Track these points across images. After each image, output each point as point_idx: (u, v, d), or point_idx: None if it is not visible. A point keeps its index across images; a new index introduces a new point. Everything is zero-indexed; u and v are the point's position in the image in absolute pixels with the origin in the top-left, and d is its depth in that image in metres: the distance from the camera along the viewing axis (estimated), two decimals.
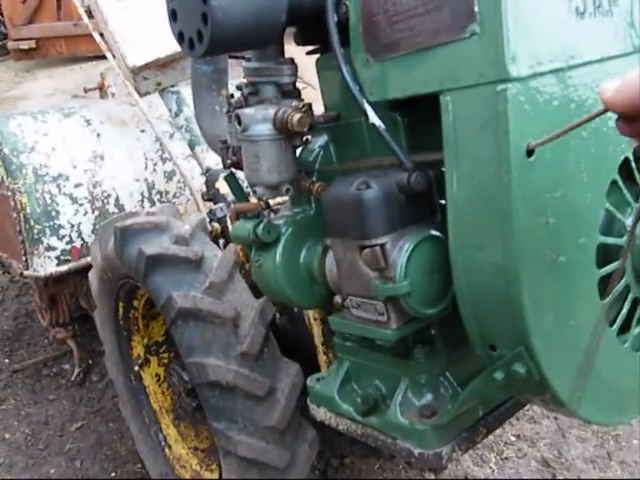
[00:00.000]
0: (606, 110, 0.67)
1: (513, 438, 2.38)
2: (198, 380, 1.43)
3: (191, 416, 1.97)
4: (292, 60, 1.09)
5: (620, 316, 0.97)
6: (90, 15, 2.39)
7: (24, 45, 6.32)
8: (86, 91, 2.76)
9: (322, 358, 1.53)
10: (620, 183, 0.95)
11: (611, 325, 0.96)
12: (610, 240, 0.94)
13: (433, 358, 1.14)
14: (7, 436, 2.35)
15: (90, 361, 2.68)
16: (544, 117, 0.83)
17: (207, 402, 1.44)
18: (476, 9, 0.81)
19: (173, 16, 0.97)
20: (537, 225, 0.83)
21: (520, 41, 0.79)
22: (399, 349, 1.14)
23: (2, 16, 7.18)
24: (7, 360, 2.78)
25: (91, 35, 2.35)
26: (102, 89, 2.71)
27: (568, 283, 0.88)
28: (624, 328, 1.00)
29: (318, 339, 1.51)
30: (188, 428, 2.01)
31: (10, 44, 6.46)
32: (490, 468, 2.25)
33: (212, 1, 0.87)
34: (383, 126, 0.95)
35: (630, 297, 0.98)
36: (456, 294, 0.91)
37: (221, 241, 1.85)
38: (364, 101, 0.96)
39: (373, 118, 0.95)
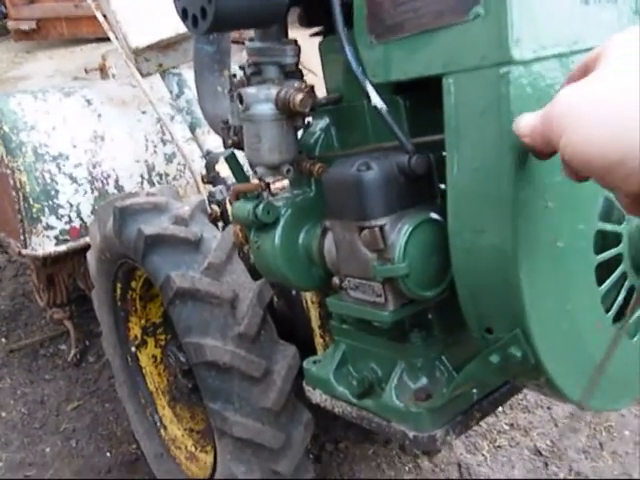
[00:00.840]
0: None
1: (506, 427, 2.40)
2: (195, 360, 1.43)
3: (187, 397, 1.98)
4: (295, 41, 1.08)
5: (616, 303, 0.98)
6: None
7: (24, 26, 6.29)
8: (87, 72, 2.75)
9: (319, 341, 1.54)
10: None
11: (607, 312, 0.97)
12: (609, 227, 0.94)
13: (429, 342, 1.14)
14: (3, 414, 2.36)
15: (87, 342, 2.69)
16: (546, 101, 0.83)
17: (203, 382, 1.45)
18: None
19: None
20: (536, 209, 0.83)
21: (524, 25, 0.79)
22: (396, 333, 1.15)
23: None
24: (4, 340, 2.79)
25: (92, 17, 2.34)
26: (103, 70, 2.70)
27: (566, 268, 0.88)
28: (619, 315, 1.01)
29: (315, 322, 1.51)
30: (184, 409, 2.03)
31: (10, 24, 6.42)
32: (483, 456, 2.27)
33: None
34: (385, 108, 0.95)
35: (626, 285, 0.99)
36: (454, 276, 0.91)
37: (220, 224, 1.85)
38: (367, 82, 0.96)
39: (375, 100, 0.95)
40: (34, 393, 2.46)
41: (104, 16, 2.22)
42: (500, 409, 2.45)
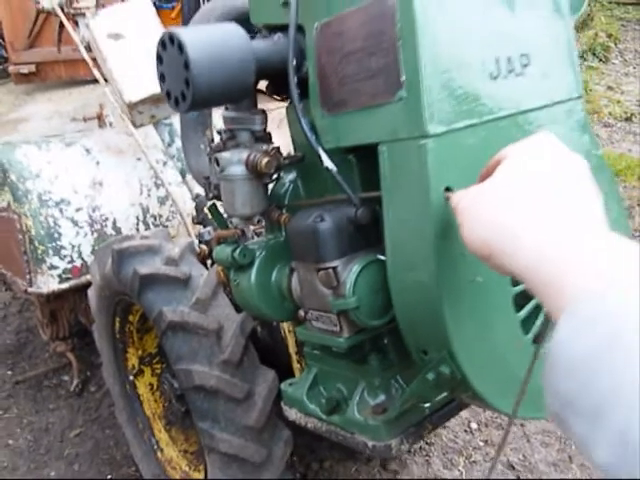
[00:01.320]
0: None
1: (481, 443, 2.56)
2: (185, 385, 1.61)
3: (181, 421, 2.14)
4: (263, 110, 1.28)
5: (534, 328, 1.16)
6: (89, 51, 2.59)
7: (24, 69, 6.52)
8: (85, 120, 2.95)
9: (296, 366, 1.72)
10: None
11: (527, 334, 1.15)
12: None
13: (386, 364, 1.32)
14: (10, 442, 2.52)
15: (88, 373, 2.85)
16: (460, 164, 1.02)
17: (193, 404, 1.62)
18: (402, 78, 1.00)
19: (162, 78, 1.17)
20: (456, 252, 1.02)
21: (436, 105, 0.99)
22: (357, 356, 1.33)
23: (3, 40, 7.41)
24: (10, 372, 2.94)
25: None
26: (100, 118, 2.90)
27: (485, 299, 1.06)
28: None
29: (292, 349, 1.69)
30: (178, 433, 2.19)
31: (11, 68, 6.65)
32: (459, 471, 2.42)
33: (192, 70, 1.06)
34: (335, 169, 1.15)
35: (544, 310, 1.17)
36: (394, 308, 1.10)
37: (209, 261, 2.04)
38: (319, 148, 1.15)
39: (327, 162, 1.14)
40: (39, 421, 2.61)
41: (104, 79, 2.43)
42: (475, 426, 2.62)
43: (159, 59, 1.17)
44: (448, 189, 1.00)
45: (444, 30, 1.02)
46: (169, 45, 1.12)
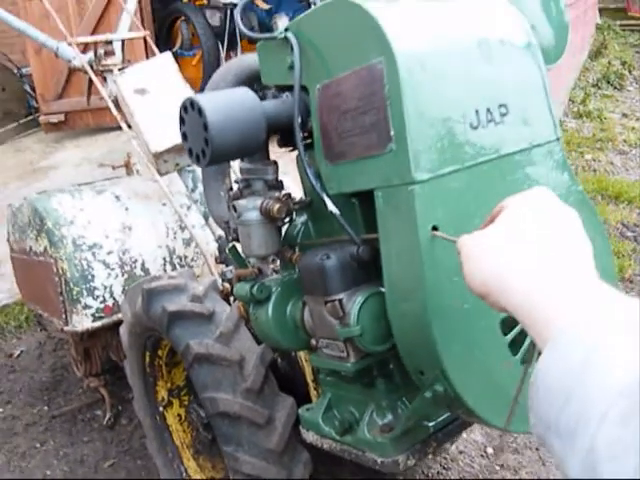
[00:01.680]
0: None
1: (497, 467, 2.64)
2: (211, 411, 1.75)
3: (208, 449, 2.27)
4: (275, 162, 1.44)
5: (522, 349, 1.28)
6: (117, 105, 2.80)
7: (54, 119, 6.84)
8: (114, 168, 3.15)
9: (313, 393, 1.85)
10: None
11: (515, 355, 1.28)
12: None
13: (392, 387, 1.45)
14: (48, 472, 2.66)
15: (120, 407, 2.99)
16: (446, 205, 1.17)
17: (218, 430, 1.76)
18: (392, 133, 1.15)
19: (184, 137, 1.34)
20: (444, 283, 1.16)
21: (422, 154, 1.14)
22: (366, 381, 1.46)
23: (33, 92, 7.77)
24: (46, 407, 3.10)
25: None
26: (128, 167, 3.10)
27: (473, 324, 1.19)
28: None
29: (309, 377, 1.83)
30: (206, 460, 2.31)
31: (41, 118, 6.99)
32: None
33: (211, 131, 1.23)
34: (338, 213, 1.30)
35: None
36: (393, 334, 1.24)
37: (231, 298, 2.19)
38: (324, 194, 1.31)
39: (331, 207, 1.29)
40: (74, 453, 2.74)
41: (129, 126, 2.63)
42: (491, 451, 2.70)
43: (182, 121, 1.34)
44: (435, 228, 1.14)
45: (427, 88, 1.17)
46: (190, 109, 1.29)
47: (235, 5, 6.07)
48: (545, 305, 0.68)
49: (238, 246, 1.56)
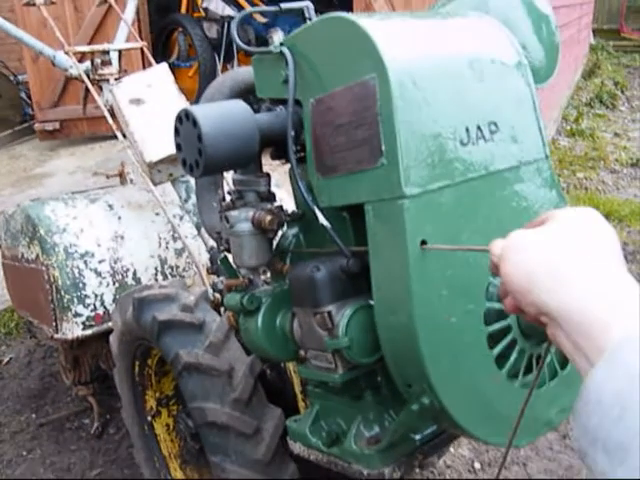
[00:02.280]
0: None
1: None
2: (199, 421, 1.75)
3: (195, 460, 2.27)
4: (267, 174, 1.46)
5: (509, 363, 1.30)
6: (112, 113, 2.81)
7: (49, 126, 6.86)
8: (108, 177, 3.16)
9: (301, 404, 1.86)
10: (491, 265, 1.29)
11: (501, 369, 1.29)
12: (497, 305, 1.27)
13: (379, 399, 1.46)
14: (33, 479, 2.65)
15: (108, 416, 2.98)
16: (435, 220, 1.19)
17: (206, 439, 1.76)
18: (383, 148, 1.17)
19: (178, 147, 1.35)
20: (432, 296, 1.17)
21: (412, 170, 1.16)
22: (354, 393, 1.47)
23: (29, 99, 7.79)
24: (34, 415, 3.09)
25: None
26: (122, 176, 3.11)
27: (459, 338, 1.21)
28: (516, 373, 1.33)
29: (297, 388, 1.83)
30: (193, 471, 2.31)
31: (37, 125, 7.00)
32: None
33: (205, 142, 1.24)
34: (329, 225, 1.31)
35: (517, 348, 1.31)
36: (381, 346, 1.25)
37: (222, 309, 2.19)
38: (315, 207, 1.32)
39: (322, 220, 1.31)
40: (61, 462, 2.73)
41: (124, 135, 2.65)
42: (479, 466, 2.71)
43: (176, 132, 1.35)
44: (424, 242, 1.16)
45: (418, 105, 1.19)
46: (185, 120, 1.31)
47: (232, 18, 6.12)
48: (604, 309, 0.64)
49: (229, 257, 1.57)
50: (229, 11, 6.43)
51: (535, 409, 1.36)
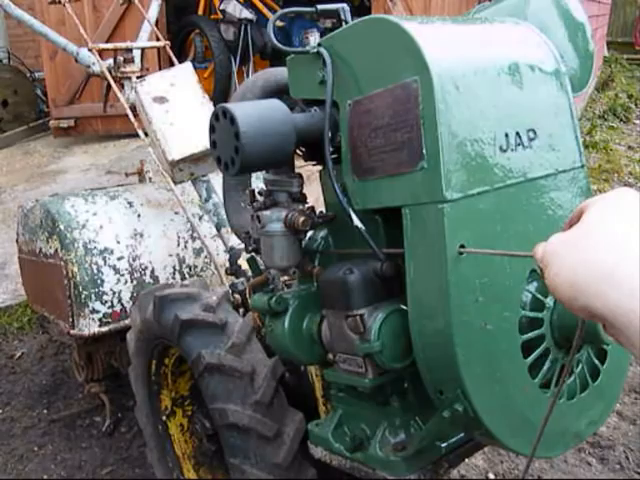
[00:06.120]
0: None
1: None
2: (220, 423, 1.74)
3: (209, 461, 2.26)
4: (300, 174, 1.45)
5: (542, 372, 1.28)
6: (134, 112, 2.81)
7: (64, 123, 6.87)
8: (127, 175, 3.16)
9: (322, 408, 1.84)
10: (539, 271, 1.28)
11: (534, 378, 1.27)
12: (531, 314, 1.26)
13: (406, 405, 1.44)
14: (45, 477, 2.64)
15: (119, 414, 2.97)
16: (474, 225, 1.17)
17: (226, 441, 1.75)
18: (424, 151, 1.16)
19: (214, 145, 1.34)
20: (469, 302, 1.16)
21: (453, 174, 1.15)
22: (380, 399, 1.45)
23: (45, 96, 7.81)
24: (45, 411, 3.08)
25: (124, 115, 2.75)
26: (141, 174, 3.10)
27: (494, 345, 1.20)
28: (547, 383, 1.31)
29: (319, 392, 1.81)
30: (206, 472, 2.29)
31: (51, 122, 7.02)
32: None
33: (242, 139, 1.23)
34: (363, 227, 1.30)
35: (551, 357, 1.30)
36: (414, 352, 1.23)
37: (241, 310, 2.18)
38: (350, 210, 1.31)
39: (356, 222, 1.30)
40: (72, 459, 2.72)
41: (145, 133, 2.64)
42: (493, 477, 2.68)
43: (212, 129, 1.34)
44: (462, 247, 1.15)
45: (460, 110, 1.18)
46: (222, 118, 1.30)
47: (249, 20, 6.14)
48: None
49: (257, 258, 1.56)
50: (246, 14, 6.42)
51: (565, 420, 1.35)
